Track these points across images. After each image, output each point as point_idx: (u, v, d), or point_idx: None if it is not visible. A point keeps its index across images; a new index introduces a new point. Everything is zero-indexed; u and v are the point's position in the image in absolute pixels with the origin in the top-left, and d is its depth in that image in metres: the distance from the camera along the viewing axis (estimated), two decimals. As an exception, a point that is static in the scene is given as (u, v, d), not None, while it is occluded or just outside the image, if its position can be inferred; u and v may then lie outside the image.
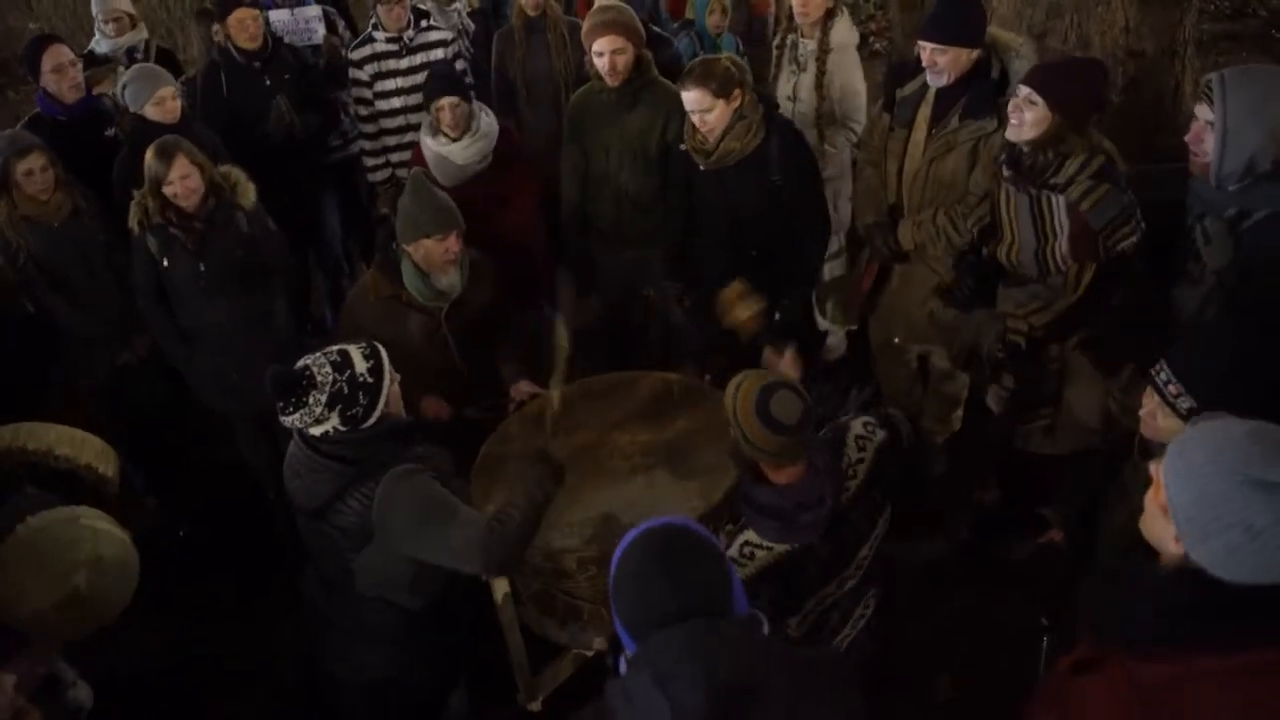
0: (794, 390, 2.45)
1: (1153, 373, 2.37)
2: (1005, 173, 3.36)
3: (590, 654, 3.13)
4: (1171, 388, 2.33)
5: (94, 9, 5.29)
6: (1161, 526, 1.70)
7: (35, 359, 4.26)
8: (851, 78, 4.64)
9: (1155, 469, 1.73)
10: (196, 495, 4.44)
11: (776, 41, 4.83)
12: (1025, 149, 3.27)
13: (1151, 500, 1.74)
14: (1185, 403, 2.30)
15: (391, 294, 3.65)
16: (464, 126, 4.19)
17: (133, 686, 3.17)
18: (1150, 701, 1.65)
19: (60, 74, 4.47)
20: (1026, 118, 3.20)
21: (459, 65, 5.11)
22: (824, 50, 4.55)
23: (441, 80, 4.32)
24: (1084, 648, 1.86)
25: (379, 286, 3.68)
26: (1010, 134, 3.28)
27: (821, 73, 4.47)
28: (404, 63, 5.01)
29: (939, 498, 4.22)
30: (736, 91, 3.67)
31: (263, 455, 4.47)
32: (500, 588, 3.05)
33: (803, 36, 4.63)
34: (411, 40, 5.00)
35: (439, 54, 5.04)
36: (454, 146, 4.19)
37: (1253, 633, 1.61)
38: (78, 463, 3.14)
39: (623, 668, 1.83)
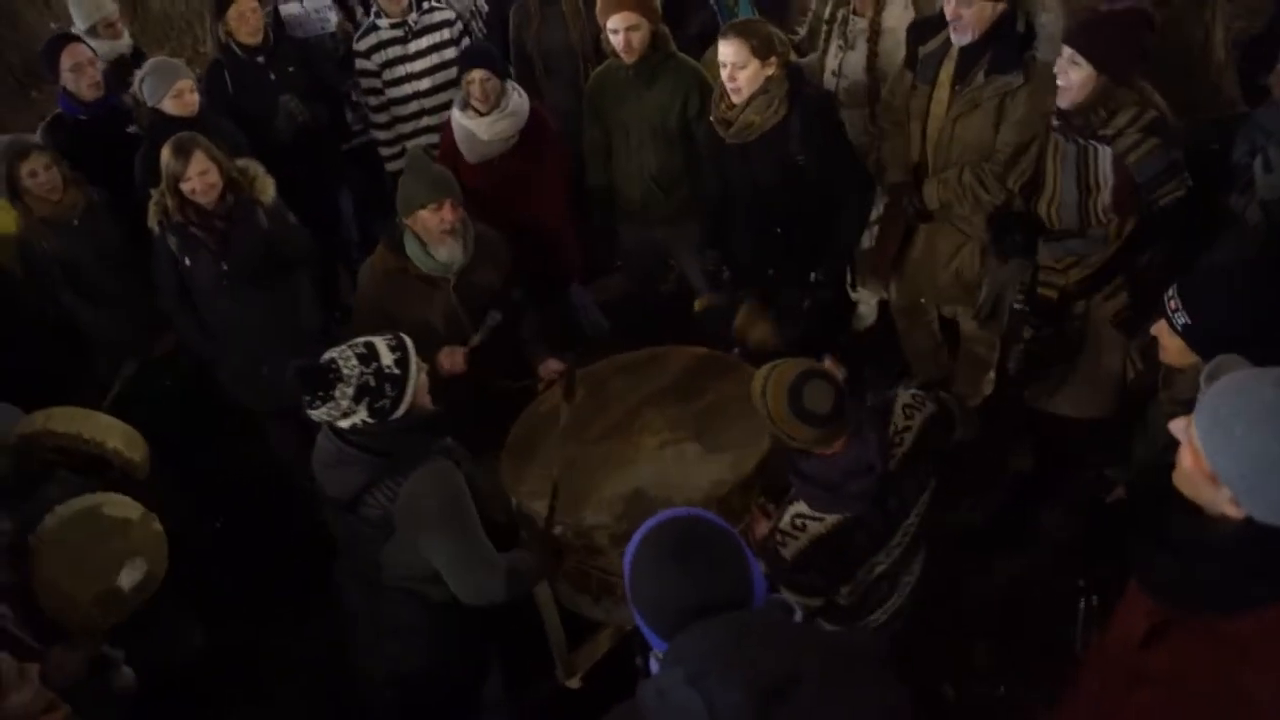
0: (822, 377, 2.44)
1: (1165, 294, 2.42)
2: (1055, 122, 3.30)
3: (627, 630, 3.13)
4: (1172, 303, 2.40)
5: (81, 18, 5.07)
6: (1211, 492, 1.68)
7: (58, 360, 4.31)
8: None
9: (1186, 430, 1.71)
10: (227, 491, 4.46)
11: (826, 15, 4.67)
12: (1074, 111, 3.21)
13: (1192, 467, 1.71)
14: (1180, 318, 2.38)
15: (398, 267, 3.65)
16: (493, 102, 4.18)
17: (170, 678, 3.21)
18: (1242, 652, 1.65)
19: (79, 72, 4.47)
20: (1073, 79, 3.15)
21: (465, 43, 5.01)
22: (875, 31, 4.43)
23: (475, 53, 4.32)
24: (1146, 610, 1.83)
25: (385, 261, 3.69)
26: (1060, 100, 3.21)
27: (874, 54, 4.38)
28: (410, 48, 4.93)
29: (972, 465, 4.18)
30: (773, 59, 3.60)
31: (294, 449, 4.48)
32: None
33: (854, 13, 4.48)
34: (416, 24, 4.92)
35: (445, 35, 4.96)
36: (480, 121, 4.18)
37: None
38: (105, 447, 3.19)
39: (653, 666, 1.79)
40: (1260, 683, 1.62)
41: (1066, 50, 3.15)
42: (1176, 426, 1.75)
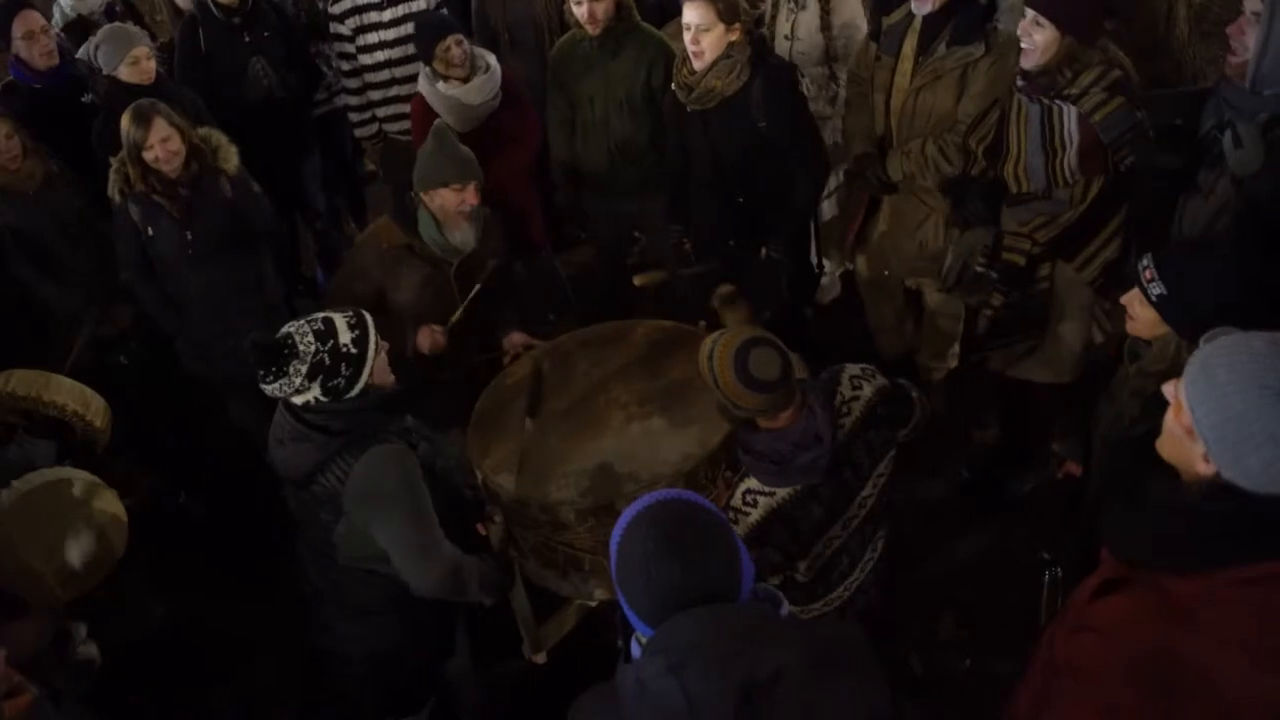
0: (768, 343, 2.42)
1: (1139, 263, 2.43)
2: (1019, 83, 3.30)
3: (594, 604, 3.13)
4: (1147, 273, 2.40)
5: None
6: (1187, 447, 1.67)
7: (15, 335, 4.23)
8: (856, 15, 4.54)
9: (1174, 390, 1.70)
10: (192, 465, 4.41)
11: None
12: (1039, 71, 3.21)
13: (1174, 422, 1.70)
14: (1156, 289, 2.38)
15: (404, 243, 3.59)
16: (470, 66, 4.15)
17: (137, 655, 3.18)
18: (1186, 614, 1.64)
19: (31, 40, 4.38)
20: (1036, 40, 3.15)
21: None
22: None
23: (438, 23, 4.29)
24: (1106, 569, 1.84)
25: (391, 235, 3.62)
26: (1024, 62, 3.21)
27: (826, 12, 4.38)
28: (386, 14, 4.85)
29: (937, 437, 4.21)
30: (737, 25, 3.59)
31: (256, 422, 4.42)
32: (495, 536, 3.05)
33: None
34: None
35: (421, 3, 4.89)
36: (466, 88, 4.16)
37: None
38: (66, 410, 3.16)
39: (634, 650, 1.76)
40: (1195, 646, 1.62)
41: (1030, 12, 3.15)
42: (1168, 388, 1.73)
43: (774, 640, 1.63)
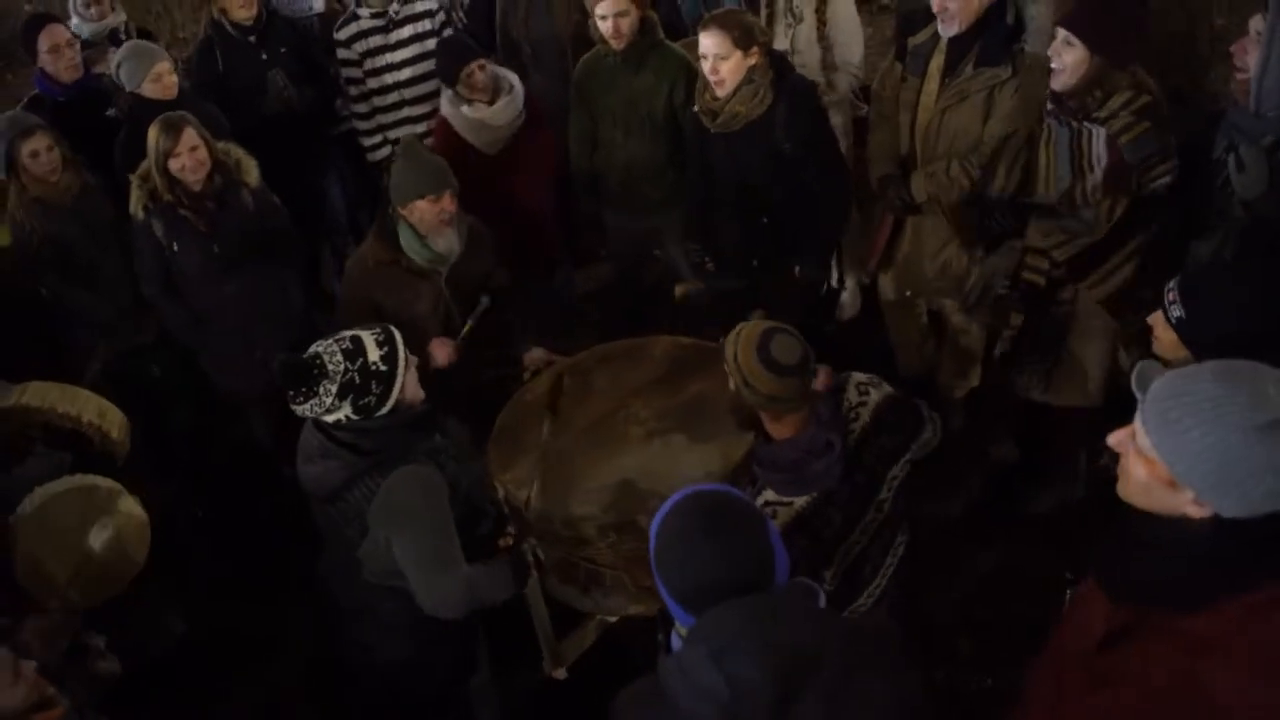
0: (793, 334, 2.46)
1: (1166, 286, 2.44)
2: (1048, 106, 3.30)
3: (614, 620, 3.12)
4: (1170, 294, 2.41)
5: None
6: (1169, 497, 1.66)
7: (44, 344, 4.26)
8: (851, 23, 4.57)
9: (1129, 442, 1.70)
10: (213, 476, 4.43)
11: None
12: (1070, 93, 3.21)
13: (1148, 476, 1.68)
14: (1175, 312, 2.39)
15: (390, 259, 3.60)
16: (495, 88, 4.17)
17: (153, 663, 3.19)
18: (1209, 650, 1.63)
19: (57, 54, 4.42)
20: (1066, 61, 3.15)
21: (447, 34, 4.91)
22: (822, 0, 4.47)
23: (462, 47, 4.30)
24: (1110, 616, 1.80)
25: (377, 253, 3.63)
26: (1055, 84, 3.21)
27: (821, 22, 4.40)
28: (392, 37, 4.85)
29: (955, 455, 4.19)
30: (755, 49, 3.59)
31: (278, 434, 4.46)
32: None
33: None
34: (397, 14, 4.83)
35: (426, 25, 4.88)
36: (492, 110, 4.19)
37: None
38: (81, 421, 3.16)
39: (675, 642, 1.79)
40: (1223, 681, 1.61)
41: (1060, 32, 3.15)
42: (1115, 439, 1.74)
43: (813, 628, 1.68)
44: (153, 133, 3.81)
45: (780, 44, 4.37)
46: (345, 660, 3.00)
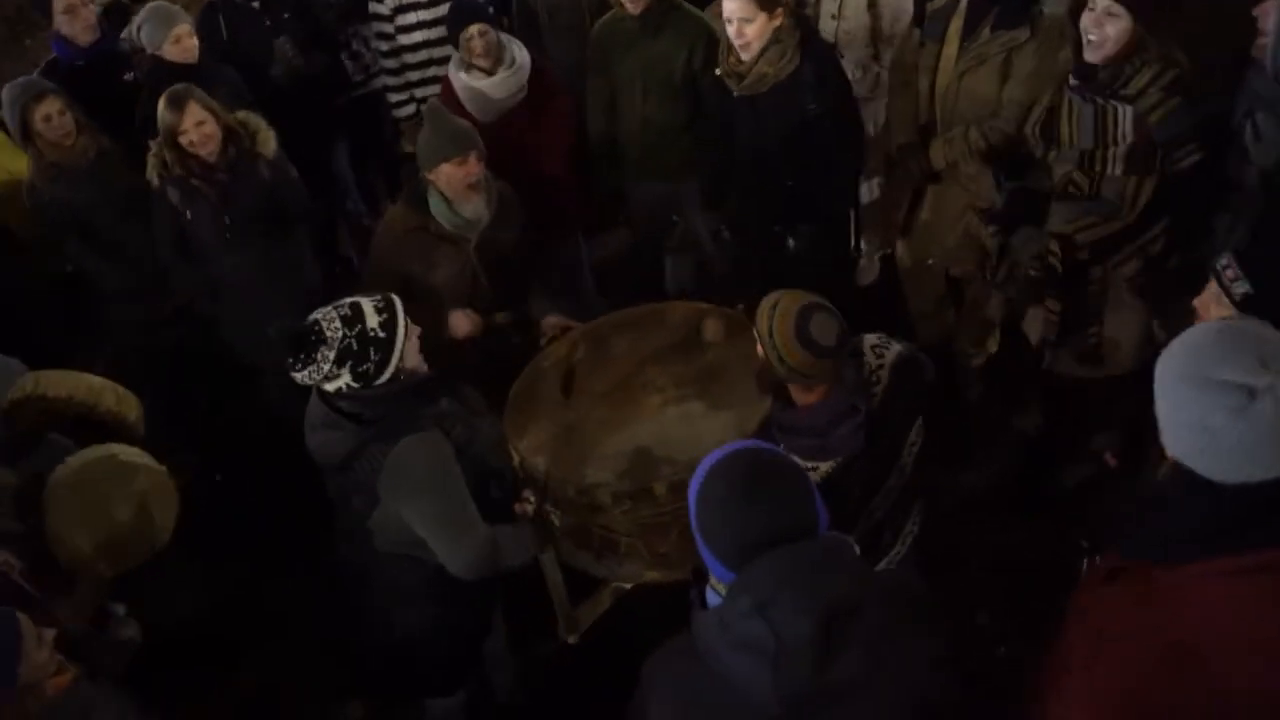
0: (831, 310, 2.43)
1: (1216, 263, 2.35)
2: (1072, 82, 3.23)
3: (629, 587, 3.13)
4: (1229, 272, 2.31)
5: None
6: (1163, 439, 1.72)
7: (64, 314, 4.27)
8: None
9: None
10: (231, 446, 4.44)
11: None
12: (1102, 66, 3.12)
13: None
14: (1240, 287, 2.29)
15: (419, 225, 3.59)
16: (495, 57, 4.10)
17: (174, 633, 3.21)
18: (1161, 600, 1.66)
19: (72, 14, 4.41)
20: (1109, 32, 3.06)
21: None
22: None
23: (464, 8, 4.22)
24: (1111, 559, 1.86)
25: (406, 218, 3.63)
26: (1090, 55, 3.12)
27: None
28: None
29: (976, 425, 4.17)
30: (779, 10, 3.55)
31: (295, 406, 4.45)
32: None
33: None
34: None
35: None
36: (489, 80, 4.11)
37: (1257, 532, 1.61)
38: (97, 409, 3.17)
39: (711, 598, 1.80)
40: (1182, 632, 1.63)
41: (1101, 3, 3.06)
42: None
43: (853, 579, 1.70)
44: (160, 106, 3.80)
45: (829, 9, 4.32)
46: (360, 626, 3.01)
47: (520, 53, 4.18)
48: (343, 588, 3.02)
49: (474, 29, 4.06)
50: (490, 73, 4.11)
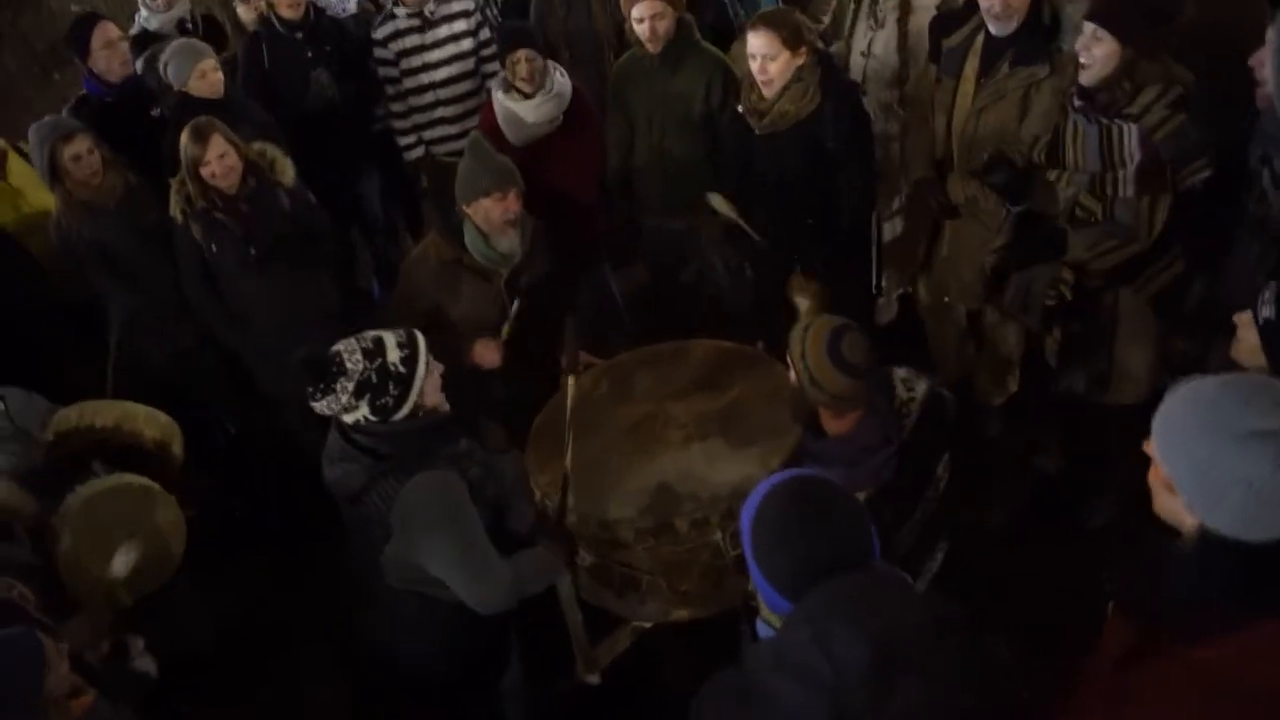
0: (861, 333, 2.47)
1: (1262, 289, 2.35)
2: (1075, 104, 3.25)
3: (648, 626, 3.11)
4: (1265, 294, 2.32)
5: None
6: (1172, 502, 1.67)
7: (86, 346, 4.30)
8: None
9: (1148, 447, 1.70)
10: (251, 474, 4.46)
11: None
12: (1099, 87, 3.15)
13: (1154, 479, 1.70)
14: (1266, 311, 2.30)
15: (453, 257, 3.63)
16: (538, 83, 4.15)
17: (188, 660, 3.21)
18: (1210, 681, 1.60)
19: (111, 50, 4.49)
20: (1096, 55, 3.10)
21: (483, 34, 4.97)
22: (905, 10, 4.44)
23: (517, 32, 4.29)
24: (1125, 636, 1.79)
25: (440, 250, 3.66)
26: (1082, 77, 3.17)
27: (904, 32, 4.36)
28: (428, 37, 4.89)
29: (996, 463, 4.15)
30: (803, 48, 3.58)
31: (313, 434, 4.46)
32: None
33: None
34: (433, 14, 4.86)
35: (462, 25, 4.91)
36: (526, 104, 4.17)
37: None
38: (143, 437, 3.18)
39: (763, 631, 1.79)
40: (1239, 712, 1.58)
41: (1088, 26, 3.11)
42: (1148, 445, 1.73)
43: (909, 607, 1.71)
44: (183, 139, 3.85)
45: (859, 46, 4.35)
46: (371, 656, 2.99)
47: (562, 81, 4.24)
48: (355, 615, 3.01)
49: (522, 53, 4.12)
50: (529, 96, 4.16)
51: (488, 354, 3.58)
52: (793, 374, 2.52)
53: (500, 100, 4.21)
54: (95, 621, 2.74)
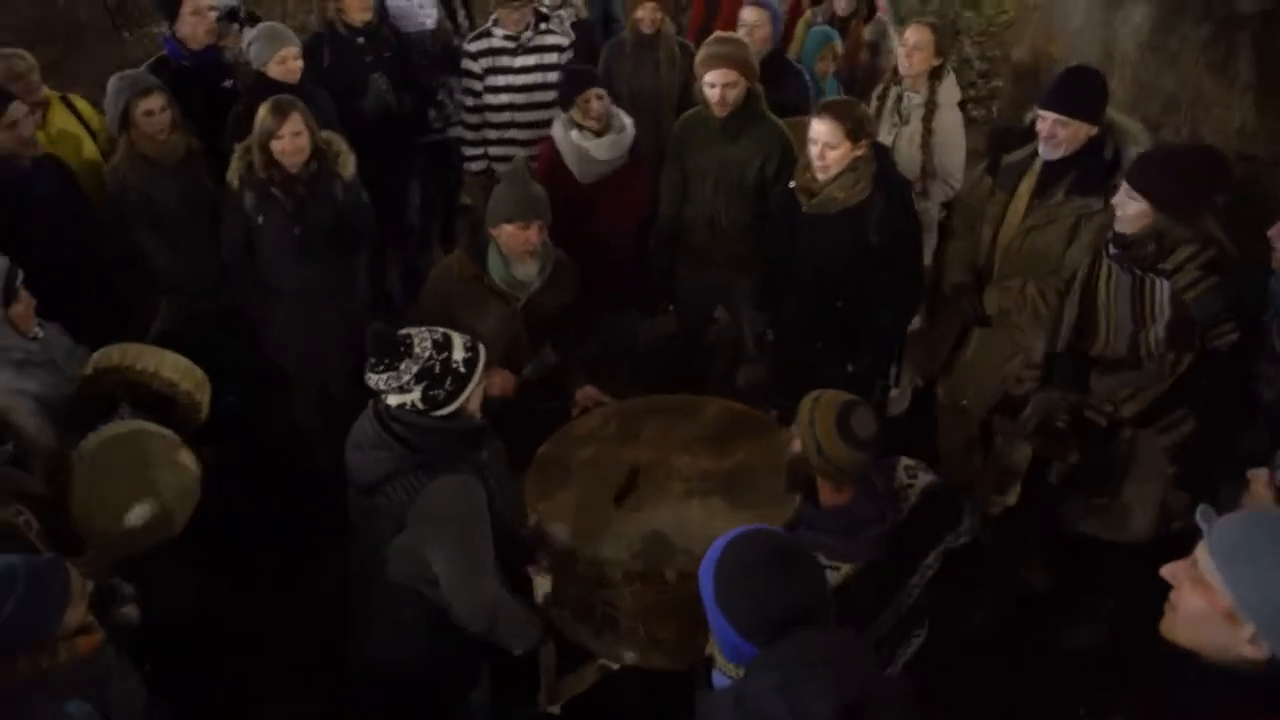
0: (870, 409, 2.54)
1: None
2: (1111, 250, 3.31)
3: (615, 668, 3.12)
4: None
5: None
6: (1225, 631, 1.62)
7: (122, 299, 4.36)
8: (956, 135, 4.70)
9: (1191, 573, 1.67)
10: (250, 454, 4.47)
11: (878, 92, 4.86)
12: (1130, 236, 3.22)
13: (1204, 607, 1.64)
14: None
15: (474, 275, 3.71)
16: (606, 122, 4.30)
17: (167, 625, 3.21)
18: None
19: (199, 16, 4.61)
20: (1128, 211, 3.17)
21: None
22: (930, 108, 4.58)
23: (584, 75, 4.45)
24: None
25: (463, 266, 3.75)
26: (1116, 224, 3.24)
27: (928, 130, 4.47)
28: (518, 61, 5.03)
29: (983, 570, 4.16)
30: (864, 141, 3.67)
31: (317, 422, 4.54)
32: (542, 588, 3.07)
33: (908, 90, 4.67)
34: (528, 41, 5.01)
35: (553, 58, 5.06)
36: (597, 142, 4.30)
37: None
38: (178, 388, 3.22)
39: (719, 680, 1.81)
40: None
41: (1124, 184, 3.17)
42: (1169, 569, 1.70)
43: (875, 673, 1.72)
44: (262, 111, 3.96)
45: (883, 139, 4.46)
46: (354, 653, 3.01)
47: (626, 120, 4.40)
48: (342, 612, 3.03)
49: (593, 92, 4.29)
50: (599, 134, 4.28)
51: (500, 382, 3.64)
52: (796, 441, 2.57)
53: (573, 140, 4.33)
54: (98, 564, 2.76)
